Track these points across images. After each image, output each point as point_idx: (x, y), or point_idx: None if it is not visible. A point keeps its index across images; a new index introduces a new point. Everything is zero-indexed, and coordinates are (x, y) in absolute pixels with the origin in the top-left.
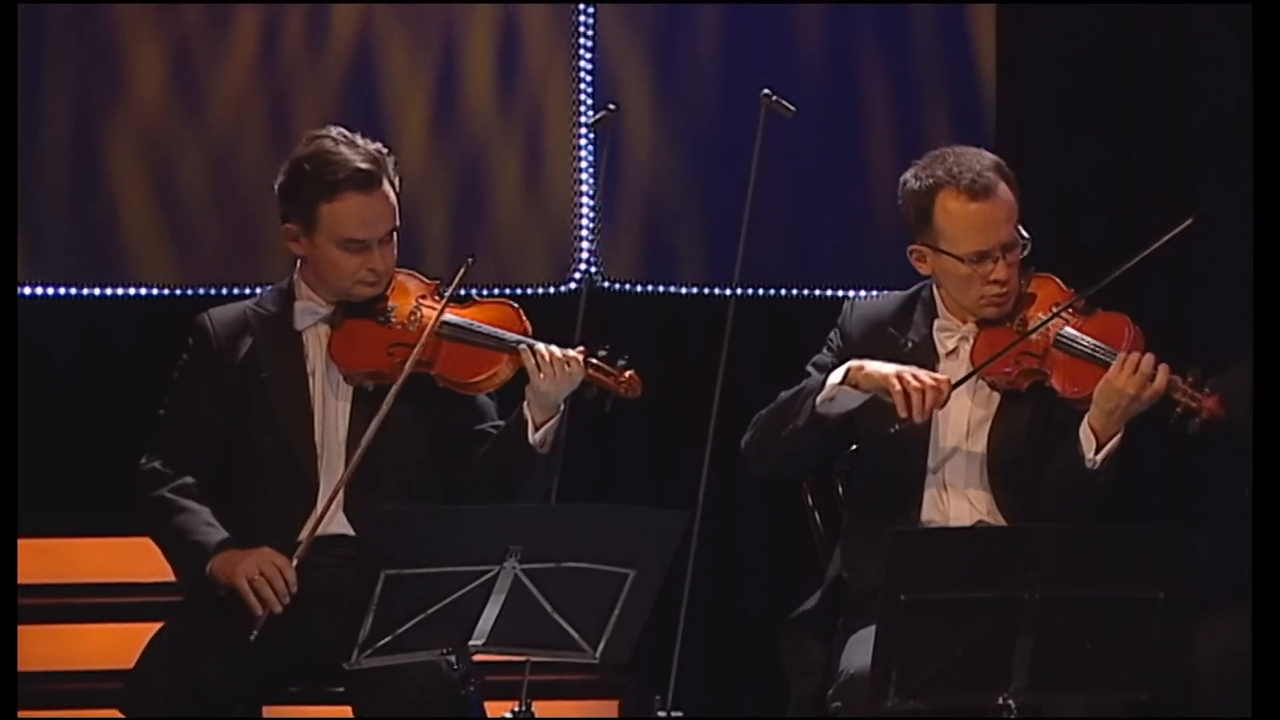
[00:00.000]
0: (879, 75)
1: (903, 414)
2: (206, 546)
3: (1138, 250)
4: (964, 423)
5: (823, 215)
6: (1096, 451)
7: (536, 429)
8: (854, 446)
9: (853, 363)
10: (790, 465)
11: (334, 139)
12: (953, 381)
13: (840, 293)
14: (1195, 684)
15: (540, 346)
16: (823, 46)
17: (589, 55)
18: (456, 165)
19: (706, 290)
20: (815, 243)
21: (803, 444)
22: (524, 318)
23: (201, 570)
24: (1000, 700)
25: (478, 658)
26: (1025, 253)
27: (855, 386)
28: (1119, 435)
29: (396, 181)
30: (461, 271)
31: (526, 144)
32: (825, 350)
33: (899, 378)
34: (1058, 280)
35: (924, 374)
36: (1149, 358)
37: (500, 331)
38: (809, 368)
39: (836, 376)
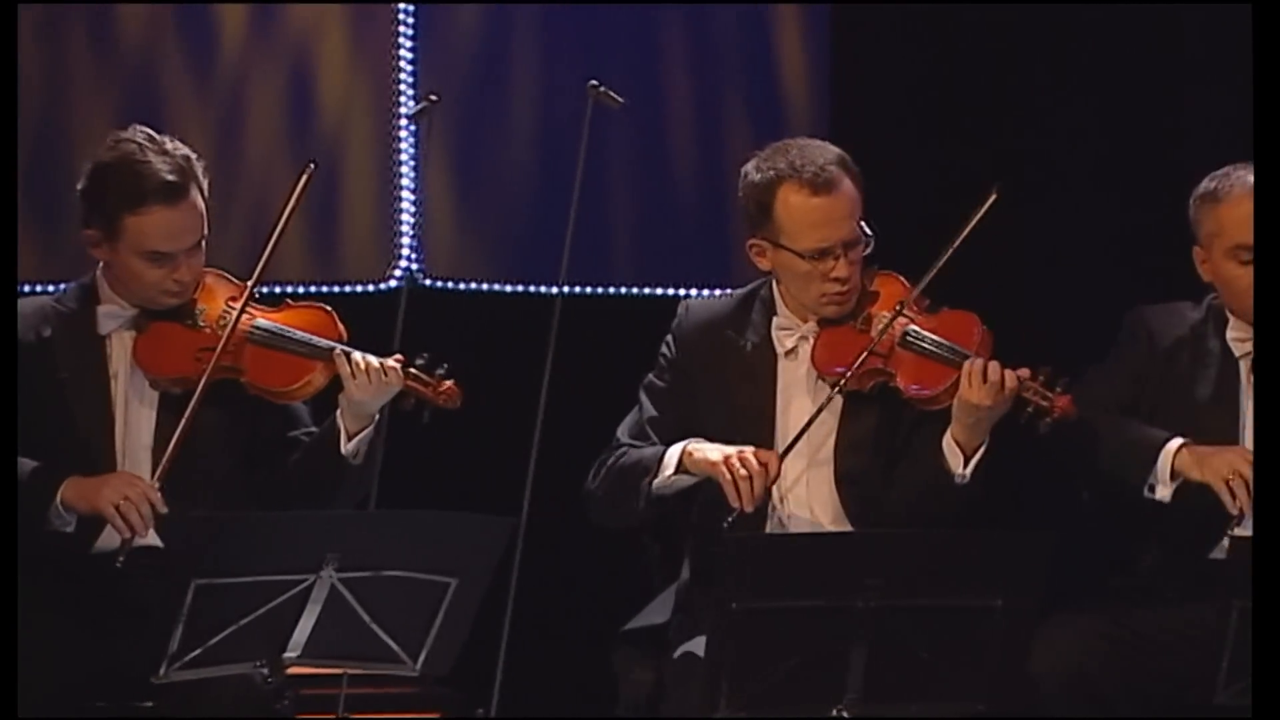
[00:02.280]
0: (717, 68)
1: (733, 504)
2: (51, 474)
3: (955, 236)
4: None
5: (653, 211)
6: (965, 465)
7: (350, 439)
8: None
9: (686, 445)
10: (630, 525)
11: (140, 144)
12: (779, 452)
13: (672, 291)
14: (1034, 694)
15: (356, 355)
16: (659, 39)
17: (410, 44)
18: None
19: (532, 288)
20: (646, 239)
21: (641, 517)
22: (339, 323)
23: (47, 500)
24: (834, 712)
25: (292, 670)
26: (868, 250)
27: (687, 471)
28: (984, 445)
29: (205, 186)
30: (304, 179)
31: (344, 137)
32: (658, 370)
33: (727, 465)
34: (901, 278)
35: (751, 456)
36: (994, 365)
37: (314, 337)
38: (642, 393)
39: (670, 464)
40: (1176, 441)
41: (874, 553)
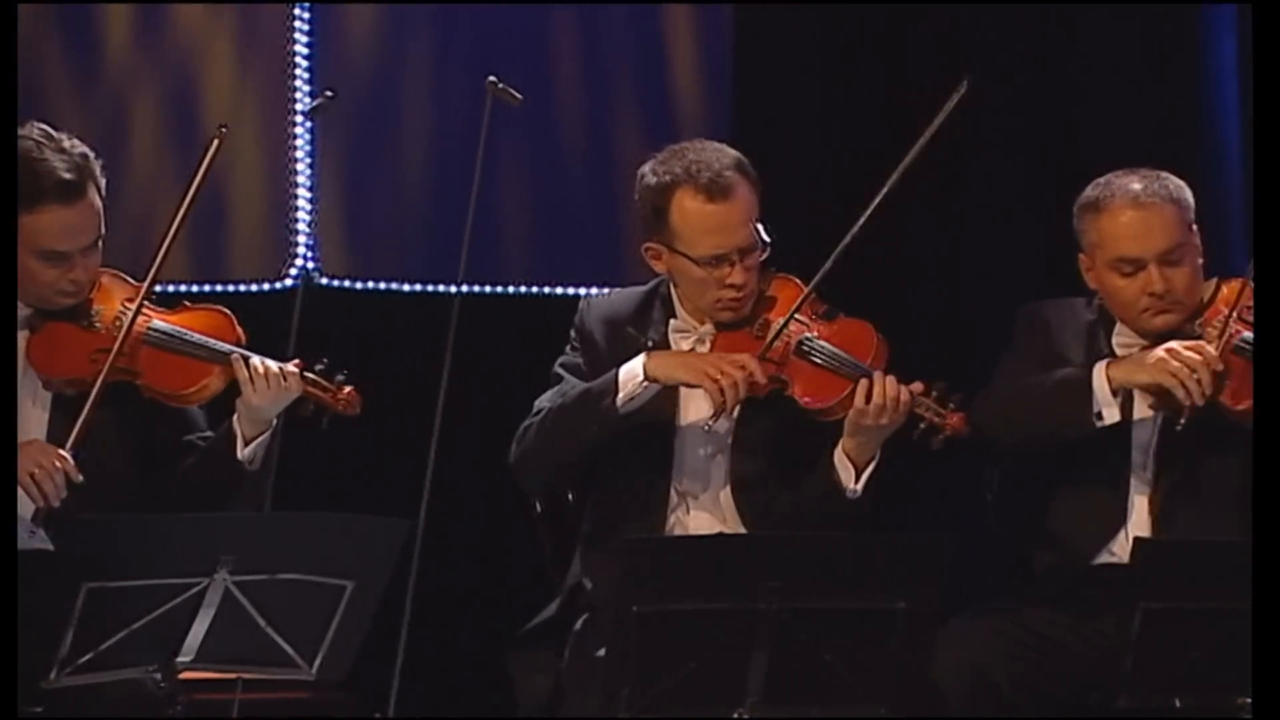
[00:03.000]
0: (609, 67)
1: (716, 404)
2: None
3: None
4: (701, 428)
5: (555, 210)
6: (856, 480)
7: (246, 444)
8: None
9: (645, 356)
10: (569, 476)
11: (37, 141)
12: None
13: (572, 290)
14: (936, 696)
15: (255, 359)
16: (560, 38)
17: (306, 40)
18: None
19: (431, 287)
20: (546, 238)
21: (591, 450)
22: (238, 326)
23: None
24: (736, 715)
25: (185, 675)
26: (764, 255)
27: (654, 380)
28: (876, 459)
29: (103, 184)
30: (215, 145)
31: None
32: (570, 350)
33: (705, 374)
34: (799, 282)
35: (726, 359)
36: (890, 381)
37: (212, 340)
38: (557, 368)
39: (636, 373)
40: (1103, 361)
41: (775, 555)
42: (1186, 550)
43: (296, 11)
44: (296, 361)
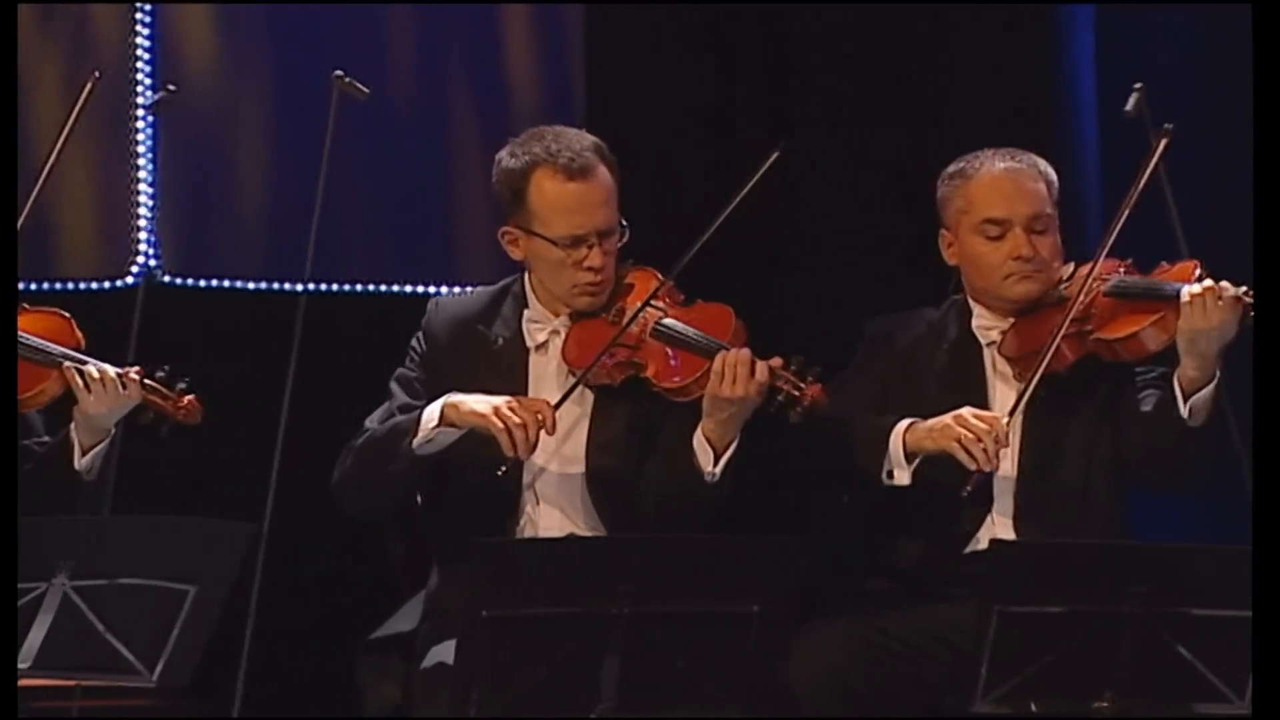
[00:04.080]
0: (455, 67)
1: (508, 453)
2: None
3: (714, 229)
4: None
5: (404, 208)
6: (715, 463)
7: (84, 453)
8: None
9: (448, 399)
10: (387, 503)
11: None
12: (552, 402)
13: (422, 289)
14: (790, 700)
15: (91, 366)
16: (398, 37)
17: (146, 32)
18: None
19: (276, 285)
20: (396, 236)
21: (403, 485)
22: (76, 329)
23: None
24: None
25: (23, 682)
26: (623, 241)
27: (452, 424)
28: (735, 442)
29: None
30: (88, 88)
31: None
32: (409, 361)
33: (498, 414)
34: (657, 274)
35: (521, 405)
36: (745, 354)
37: (49, 345)
38: (392, 382)
39: (433, 417)
40: (905, 422)
41: (628, 558)
42: (1042, 552)
43: (138, 15)
44: (137, 369)
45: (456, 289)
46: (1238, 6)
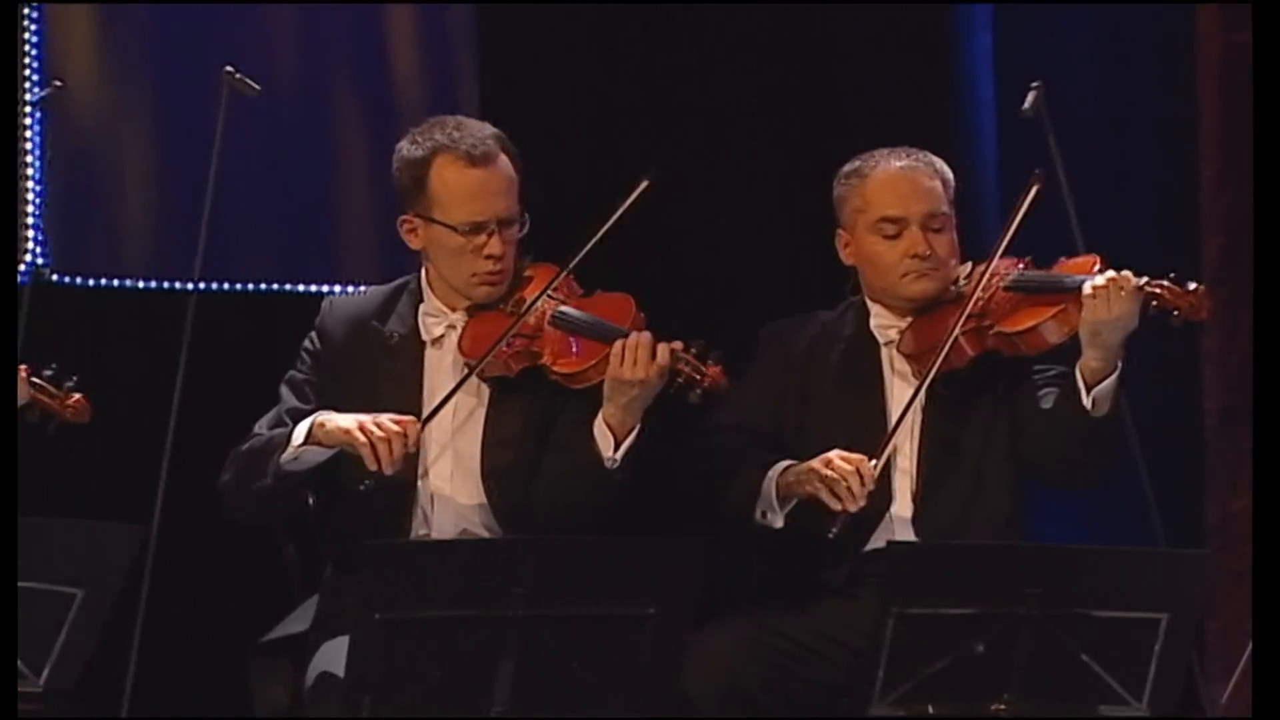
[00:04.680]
0: (348, 67)
1: (371, 467)
2: None
3: (606, 220)
4: (448, 418)
5: (297, 206)
6: (615, 449)
7: None
8: None
9: (316, 417)
10: (267, 515)
11: None
12: (422, 416)
13: (315, 288)
14: (686, 703)
15: None
16: (290, 32)
17: (35, 28)
18: None
19: (166, 284)
20: (289, 234)
21: (276, 498)
22: None
23: None
24: None
25: None
26: (524, 232)
27: (319, 443)
28: (636, 429)
29: None
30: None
31: None
32: (300, 363)
33: (361, 430)
34: (558, 267)
35: (387, 420)
36: (645, 336)
37: None
38: (282, 387)
39: (300, 435)
40: (780, 465)
41: (522, 559)
42: (939, 554)
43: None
44: (25, 366)
45: (350, 289)
46: (1136, 5)
